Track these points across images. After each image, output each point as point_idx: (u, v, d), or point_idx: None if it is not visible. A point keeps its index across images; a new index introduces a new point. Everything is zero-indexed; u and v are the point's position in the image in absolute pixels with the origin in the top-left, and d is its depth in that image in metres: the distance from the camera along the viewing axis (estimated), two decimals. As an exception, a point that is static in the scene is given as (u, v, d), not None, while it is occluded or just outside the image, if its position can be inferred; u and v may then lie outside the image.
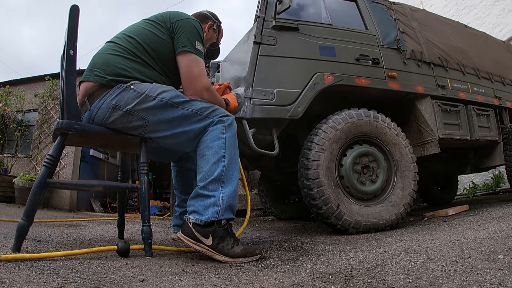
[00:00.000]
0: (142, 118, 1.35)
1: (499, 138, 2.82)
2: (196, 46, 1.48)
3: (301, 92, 2.04)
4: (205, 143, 1.39)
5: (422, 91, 2.43)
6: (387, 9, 2.66)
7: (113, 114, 1.33)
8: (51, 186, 1.26)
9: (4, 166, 5.67)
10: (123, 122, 1.35)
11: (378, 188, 2.10)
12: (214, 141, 1.38)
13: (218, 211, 1.30)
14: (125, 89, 1.34)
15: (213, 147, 1.37)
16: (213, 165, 1.35)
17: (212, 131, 1.40)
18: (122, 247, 1.30)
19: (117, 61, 1.39)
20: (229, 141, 1.40)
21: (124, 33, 1.49)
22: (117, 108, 1.32)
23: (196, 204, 1.33)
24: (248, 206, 1.97)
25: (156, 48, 1.47)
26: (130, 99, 1.33)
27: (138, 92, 1.34)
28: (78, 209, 5.48)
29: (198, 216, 1.30)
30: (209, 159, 1.36)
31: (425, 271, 0.97)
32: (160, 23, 1.51)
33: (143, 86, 1.36)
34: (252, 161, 2.82)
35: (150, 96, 1.34)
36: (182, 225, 1.34)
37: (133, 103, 1.33)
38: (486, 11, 6.39)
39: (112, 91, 1.34)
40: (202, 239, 1.28)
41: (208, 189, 1.32)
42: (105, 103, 1.33)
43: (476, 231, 1.58)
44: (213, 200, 1.31)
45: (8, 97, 6.20)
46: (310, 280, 0.97)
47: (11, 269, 0.95)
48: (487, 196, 4.99)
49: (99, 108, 1.34)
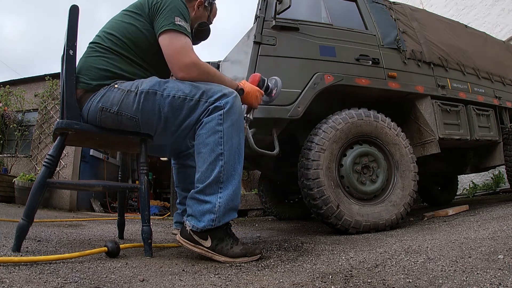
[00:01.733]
0: (131, 118, 1.30)
1: (499, 138, 2.82)
2: (176, 22, 1.31)
3: (301, 92, 2.04)
4: (200, 138, 1.27)
5: (422, 91, 2.44)
6: (387, 9, 2.66)
7: (102, 116, 1.31)
8: (51, 186, 1.26)
9: (4, 166, 5.66)
10: (115, 123, 1.33)
11: (378, 188, 2.10)
12: (209, 136, 1.25)
13: (214, 219, 1.24)
14: (109, 89, 1.31)
15: (209, 144, 1.25)
16: (210, 166, 1.25)
17: (207, 123, 1.26)
18: (112, 248, 1.26)
19: (99, 63, 1.34)
20: (229, 132, 1.26)
21: (104, 30, 1.42)
22: (104, 110, 1.29)
23: (193, 207, 1.28)
24: None
25: (137, 41, 1.38)
26: (115, 99, 1.28)
27: (122, 90, 1.29)
28: (78, 209, 5.48)
29: (195, 222, 1.26)
30: (205, 158, 1.26)
31: (425, 271, 0.97)
32: (138, 12, 1.40)
33: (126, 84, 1.31)
34: (252, 161, 2.82)
35: (131, 91, 1.28)
36: (181, 228, 1.31)
37: (119, 104, 1.28)
38: (486, 11, 6.40)
39: (98, 93, 1.31)
40: (201, 241, 1.26)
41: (205, 193, 1.25)
42: (92, 106, 1.31)
43: (476, 231, 1.58)
44: (210, 206, 1.24)
45: (8, 97, 6.19)
46: (310, 280, 0.97)
47: (11, 269, 0.95)
48: (487, 196, 4.99)
49: (88, 111, 1.32)
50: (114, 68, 1.35)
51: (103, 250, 1.27)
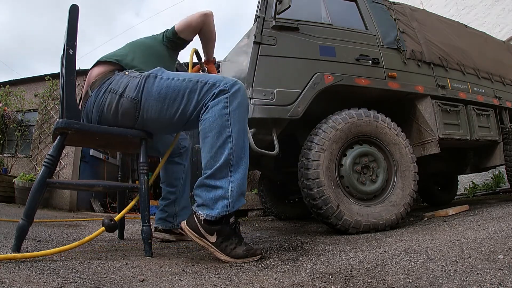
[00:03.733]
0: (132, 100, 1.36)
1: (499, 138, 2.82)
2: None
3: (301, 92, 2.04)
4: (206, 122, 1.24)
5: (422, 91, 2.44)
6: (387, 9, 2.66)
7: (107, 97, 1.38)
8: (51, 186, 1.26)
9: (4, 166, 5.66)
10: (116, 108, 1.37)
11: (378, 188, 2.10)
12: (216, 119, 1.22)
13: (228, 204, 1.20)
14: (121, 75, 1.42)
15: (216, 127, 1.22)
16: (219, 149, 1.21)
17: (214, 106, 1.24)
18: (107, 223, 1.29)
19: (129, 56, 1.55)
20: (235, 114, 1.24)
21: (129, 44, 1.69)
22: (111, 92, 1.38)
23: (203, 196, 1.23)
24: None
25: (153, 49, 1.70)
26: (123, 83, 1.38)
27: (130, 76, 1.40)
28: (78, 209, 5.48)
29: (208, 211, 1.21)
30: (213, 142, 1.22)
31: (425, 271, 0.97)
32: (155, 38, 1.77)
33: (136, 73, 1.43)
34: (252, 161, 2.82)
35: (136, 77, 1.39)
36: (188, 216, 1.28)
37: (125, 87, 1.37)
38: (486, 11, 6.40)
39: (112, 77, 1.41)
40: (207, 235, 1.23)
41: (216, 178, 1.21)
42: (102, 90, 1.40)
43: (476, 231, 1.58)
44: (222, 192, 1.20)
45: (8, 97, 6.19)
46: (310, 280, 0.97)
47: (11, 269, 0.95)
48: (487, 196, 4.98)
49: (98, 96, 1.40)
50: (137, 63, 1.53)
51: (102, 231, 1.31)
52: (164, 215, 1.87)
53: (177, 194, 1.89)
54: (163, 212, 1.85)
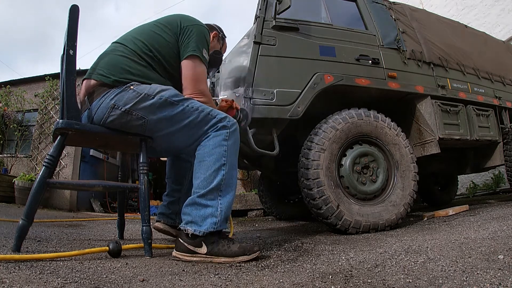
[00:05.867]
0: (141, 117, 1.35)
1: (499, 138, 2.82)
2: (203, 54, 1.52)
3: (301, 92, 2.04)
4: (206, 148, 1.37)
5: (422, 91, 2.44)
6: (387, 9, 2.66)
7: (112, 113, 1.33)
8: (51, 186, 1.26)
9: (4, 166, 5.67)
10: (122, 122, 1.35)
11: (378, 188, 2.10)
12: (216, 147, 1.36)
13: (216, 222, 1.29)
14: (125, 89, 1.35)
15: (214, 154, 1.35)
16: (213, 173, 1.32)
17: (215, 136, 1.38)
18: (114, 248, 1.28)
19: (122, 62, 1.41)
20: (231, 148, 1.38)
21: (132, 35, 1.52)
22: (115, 108, 1.33)
23: (193, 214, 1.31)
24: None
25: (163, 51, 1.49)
26: (129, 99, 1.33)
27: (138, 93, 1.34)
28: (78, 209, 5.48)
29: (196, 227, 1.29)
30: (209, 166, 1.34)
31: (425, 271, 0.97)
32: (168, 27, 1.54)
33: (142, 87, 1.36)
34: (252, 161, 2.82)
35: (149, 95, 1.35)
36: (176, 243, 1.33)
37: (132, 103, 1.33)
38: (486, 11, 6.40)
39: (113, 91, 1.35)
40: (196, 249, 1.29)
41: (207, 198, 1.31)
42: (104, 103, 1.34)
43: (476, 231, 1.58)
44: (211, 210, 1.30)
45: (8, 97, 6.20)
46: (310, 280, 0.97)
47: (11, 269, 0.95)
48: (487, 196, 4.98)
49: (99, 107, 1.35)
50: (134, 70, 1.41)
51: (104, 249, 1.28)
52: (167, 211, 1.85)
53: (182, 192, 1.88)
54: (167, 208, 1.83)
